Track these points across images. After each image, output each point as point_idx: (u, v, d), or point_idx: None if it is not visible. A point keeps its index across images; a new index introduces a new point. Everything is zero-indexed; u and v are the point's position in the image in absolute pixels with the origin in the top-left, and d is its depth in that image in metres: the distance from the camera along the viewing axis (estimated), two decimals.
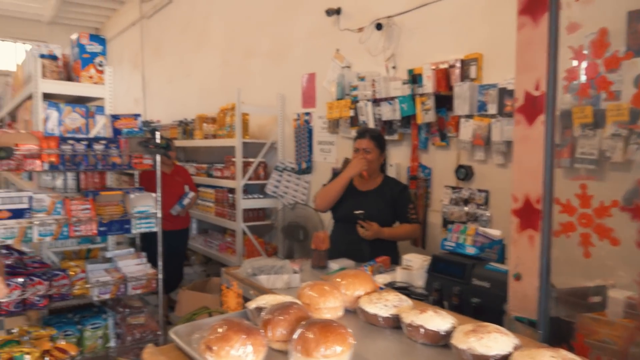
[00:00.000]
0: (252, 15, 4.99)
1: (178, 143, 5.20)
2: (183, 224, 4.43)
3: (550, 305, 1.43)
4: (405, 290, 1.99)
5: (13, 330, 3.02)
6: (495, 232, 2.03)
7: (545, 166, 1.41)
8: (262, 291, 2.18)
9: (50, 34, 9.73)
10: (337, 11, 3.82)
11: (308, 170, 4.23)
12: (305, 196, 4.24)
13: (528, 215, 1.45)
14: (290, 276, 2.32)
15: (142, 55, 7.64)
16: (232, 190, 4.49)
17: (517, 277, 1.48)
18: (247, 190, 4.44)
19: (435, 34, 3.13)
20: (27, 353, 2.80)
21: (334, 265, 2.61)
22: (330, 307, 1.35)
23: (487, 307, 1.74)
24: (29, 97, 3.43)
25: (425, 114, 2.99)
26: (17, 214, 2.70)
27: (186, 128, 5.21)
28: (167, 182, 3.76)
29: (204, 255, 5.21)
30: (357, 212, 2.77)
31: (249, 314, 1.38)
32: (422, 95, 3.01)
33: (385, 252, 2.64)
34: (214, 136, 4.67)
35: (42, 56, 3.08)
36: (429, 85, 2.98)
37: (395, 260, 2.73)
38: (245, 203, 4.34)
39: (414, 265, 2.23)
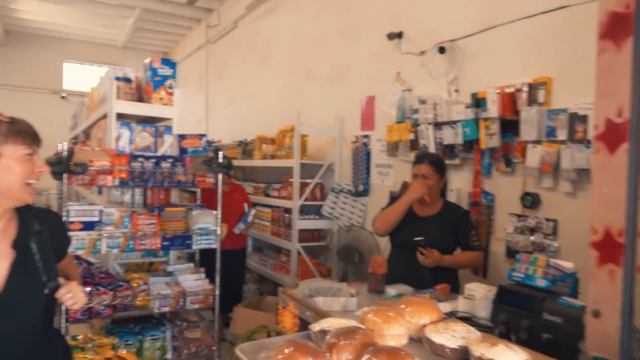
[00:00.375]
0: (314, 39, 5.10)
1: (237, 163, 5.34)
2: (241, 244, 4.47)
3: (634, 346, 1.32)
4: (468, 320, 1.91)
5: (78, 337, 3.16)
6: (567, 265, 1.92)
7: (628, 196, 1.33)
8: (319, 313, 2.16)
9: (123, 57, 10.38)
10: (399, 35, 3.82)
11: (365, 193, 4.21)
12: (362, 218, 4.21)
13: (609, 248, 1.36)
14: (347, 299, 2.29)
15: (206, 78, 7.97)
16: (288, 210, 4.53)
17: (596, 315, 1.39)
18: (304, 210, 4.47)
19: (500, 57, 3.06)
20: None
21: (391, 290, 2.55)
22: (394, 334, 1.32)
23: (559, 344, 1.63)
24: (104, 117, 3.65)
25: (490, 139, 2.91)
26: (88, 226, 2.84)
27: (246, 148, 5.35)
28: (227, 201, 3.84)
29: (258, 274, 5.27)
30: (417, 238, 2.70)
31: (313, 336, 1.37)
32: (486, 119, 2.94)
33: (445, 280, 2.55)
34: (273, 156, 4.76)
35: (117, 78, 3.28)
36: (493, 109, 2.91)
37: (455, 289, 2.63)
38: (300, 223, 4.37)
39: (477, 295, 2.14)
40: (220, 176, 3.08)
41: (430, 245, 2.68)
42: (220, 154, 3.03)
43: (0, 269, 1.34)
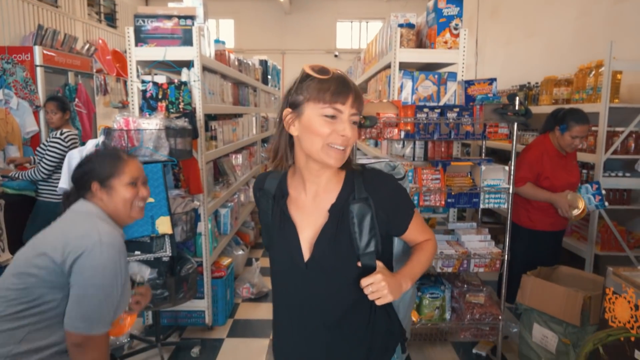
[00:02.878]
0: None
1: None
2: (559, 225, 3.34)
3: None
4: None
5: None
6: None
7: None
8: None
9: (389, 10, 10.46)
10: None
11: None
12: None
13: None
14: None
15: (477, 18, 7.32)
16: (587, 166, 3.77)
17: None
18: (608, 166, 3.64)
19: None
20: None
21: None
22: None
23: None
24: (384, 68, 3.57)
25: None
26: None
27: (529, 93, 4.66)
28: (565, 165, 3.21)
29: None
30: None
31: None
32: None
33: None
34: (567, 101, 3.99)
35: (400, 25, 3.10)
36: None
37: None
38: (605, 182, 3.57)
39: None
40: (515, 127, 2.64)
41: None
42: (517, 100, 2.58)
43: (310, 227, 1.28)
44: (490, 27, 6.98)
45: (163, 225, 2.60)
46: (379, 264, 1.24)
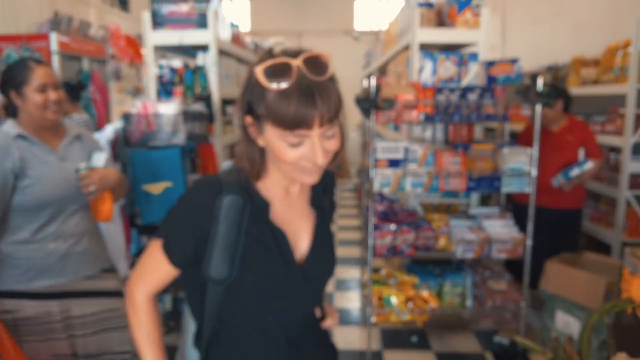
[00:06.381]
0: None
1: None
2: (573, 203, 3.37)
3: None
4: None
5: (381, 271, 3.24)
6: None
7: None
8: None
9: None
10: None
11: None
12: None
13: None
14: None
15: None
16: (615, 149, 3.63)
17: None
18: (636, 150, 3.50)
19: None
20: (395, 296, 2.95)
21: None
22: None
23: None
24: (404, 49, 3.49)
25: None
26: (393, 163, 2.77)
27: (556, 74, 4.51)
28: (552, 143, 3.22)
29: None
30: None
31: None
32: None
33: None
34: (595, 82, 3.84)
35: (420, 5, 3.02)
36: None
37: None
38: (633, 166, 3.44)
39: None
40: (539, 108, 2.55)
41: None
42: (540, 80, 2.49)
43: (305, 230, 1.11)
44: (516, 5, 6.76)
45: None
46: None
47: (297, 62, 0.90)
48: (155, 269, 1.06)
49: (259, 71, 0.91)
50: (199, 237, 1.00)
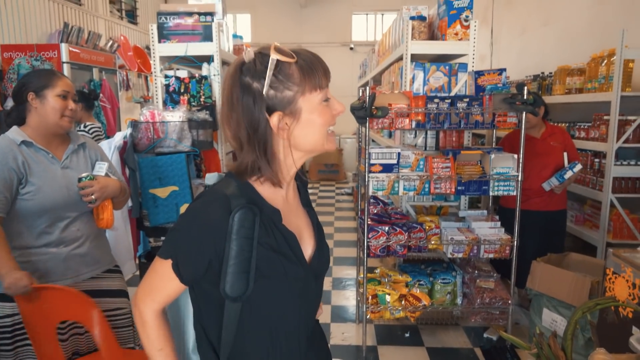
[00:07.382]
0: None
1: None
2: (559, 204, 3.56)
3: None
4: None
5: (375, 270, 3.39)
6: None
7: None
8: None
9: (403, 2, 10.45)
10: None
11: None
12: None
13: None
14: None
15: (492, 8, 7.31)
16: (598, 154, 3.81)
17: None
18: (620, 155, 3.68)
19: None
20: (388, 294, 3.10)
21: None
22: None
23: None
24: (397, 60, 3.66)
25: None
26: (386, 168, 2.93)
27: (542, 83, 4.69)
28: (535, 148, 3.37)
29: None
30: None
31: None
32: None
33: None
34: (580, 90, 4.02)
35: (412, 18, 3.19)
36: None
37: None
38: (617, 170, 3.61)
39: None
40: (524, 116, 2.72)
41: None
42: (525, 89, 2.66)
43: (306, 230, 1.14)
44: (505, 16, 6.96)
45: None
46: None
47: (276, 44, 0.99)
48: (164, 287, 1.04)
49: (280, 55, 0.96)
50: (212, 256, 0.99)
